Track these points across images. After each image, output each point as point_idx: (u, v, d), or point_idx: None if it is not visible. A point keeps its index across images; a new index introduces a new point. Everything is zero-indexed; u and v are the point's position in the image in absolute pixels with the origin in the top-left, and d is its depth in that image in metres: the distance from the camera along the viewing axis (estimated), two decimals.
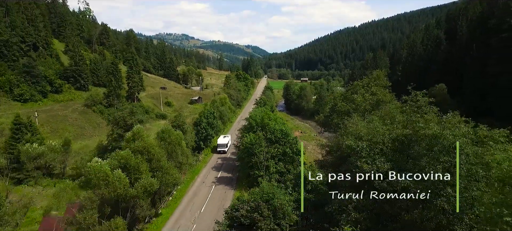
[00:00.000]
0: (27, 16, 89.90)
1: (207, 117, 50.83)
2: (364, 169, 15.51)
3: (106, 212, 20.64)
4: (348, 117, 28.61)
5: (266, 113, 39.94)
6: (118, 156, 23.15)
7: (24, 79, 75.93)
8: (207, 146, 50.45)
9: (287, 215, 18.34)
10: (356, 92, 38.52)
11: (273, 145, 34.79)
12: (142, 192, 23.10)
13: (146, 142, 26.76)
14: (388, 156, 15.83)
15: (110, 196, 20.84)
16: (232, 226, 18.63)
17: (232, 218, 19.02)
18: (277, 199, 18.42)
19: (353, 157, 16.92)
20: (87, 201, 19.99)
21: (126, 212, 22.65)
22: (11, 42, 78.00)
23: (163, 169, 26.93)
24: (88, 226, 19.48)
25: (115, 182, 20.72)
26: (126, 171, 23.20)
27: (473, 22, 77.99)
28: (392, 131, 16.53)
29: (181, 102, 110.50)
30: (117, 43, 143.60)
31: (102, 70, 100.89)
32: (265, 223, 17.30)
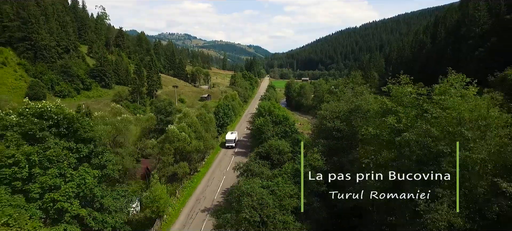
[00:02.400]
0: (59, 22, 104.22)
1: (223, 108, 64.93)
2: (328, 126, 29.52)
3: (176, 158, 34.62)
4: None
5: (272, 103, 53.96)
6: (181, 127, 37.10)
7: (62, 78, 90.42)
8: (225, 131, 64.37)
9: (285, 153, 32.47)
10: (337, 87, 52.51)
11: (277, 126, 48.73)
12: (194, 149, 36.95)
13: (192, 119, 40.70)
14: (342, 119, 29.66)
15: (179, 148, 34.74)
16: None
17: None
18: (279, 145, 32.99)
19: (323, 120, 30.90)
20: (167, 150, 33.88)
21: (185, 160, 36.59)
22: (49, 46, 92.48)
23: (204, 137, 40.83)
24: (168, 164, 33.42)
25: (182, 140, 34.61)
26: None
27: (449, 29, 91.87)
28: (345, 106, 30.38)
29: (192, 99, 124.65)
30: (130, 45, 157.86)
31: (123, 70, 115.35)
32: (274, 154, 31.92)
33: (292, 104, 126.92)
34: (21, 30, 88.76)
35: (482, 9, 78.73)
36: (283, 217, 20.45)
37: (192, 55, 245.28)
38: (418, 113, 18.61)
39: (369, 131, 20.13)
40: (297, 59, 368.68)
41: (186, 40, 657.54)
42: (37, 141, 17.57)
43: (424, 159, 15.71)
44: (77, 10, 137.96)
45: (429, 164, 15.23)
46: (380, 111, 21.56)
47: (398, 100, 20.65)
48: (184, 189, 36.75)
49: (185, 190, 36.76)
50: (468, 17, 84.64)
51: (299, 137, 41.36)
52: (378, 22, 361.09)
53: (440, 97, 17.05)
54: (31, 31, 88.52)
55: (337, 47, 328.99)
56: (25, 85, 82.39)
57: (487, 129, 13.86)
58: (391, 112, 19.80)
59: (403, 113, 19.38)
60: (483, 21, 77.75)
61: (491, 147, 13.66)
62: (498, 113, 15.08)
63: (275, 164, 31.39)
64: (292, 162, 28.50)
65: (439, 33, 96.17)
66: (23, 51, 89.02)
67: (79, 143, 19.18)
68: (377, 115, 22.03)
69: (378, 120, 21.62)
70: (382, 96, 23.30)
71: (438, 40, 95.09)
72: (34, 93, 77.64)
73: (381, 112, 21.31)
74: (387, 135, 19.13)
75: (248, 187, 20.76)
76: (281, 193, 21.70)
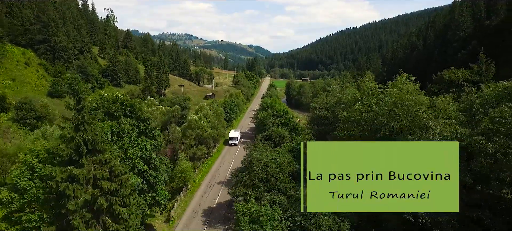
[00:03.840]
0: (74, 25, 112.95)
1: (229, 105, 73.52)
2: (318, 115, 38.12)
3: (196, 142, 43.24)
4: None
5: (273, 100, 62.56)
6: (198, 117, 45.71)
7: (79, 77, 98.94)
8: (231, 125, 72.93)
9: (284, 137, 41.06)
10: (330, 85, 61.01)
11: (278, 119, 57.19)
12: (210, 136, 45.48)
13: (207, 111, 49.20)
14: (329, 110, 38.14)
15: (198, 134, 43.30)
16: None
17: None
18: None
19: (314, 111, 39.45)
20: (189, 134, 42.42)
21: (203, 144, 45.23)
22: (67, 48, 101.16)
23: (216, 127, 49.34)
24: (189, 146, 41.98)
25: (200, 128, 43.19)
26: None
27: (437, 32, 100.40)
28: (332, 99, 38.88)
29: (197, 98, 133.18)
30: (136, 46, 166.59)
31: (132, 70, 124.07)
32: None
33: (292, 103, 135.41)
34: (41, 33, 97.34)
35: (466, 15, 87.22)
36: (282, 176, 28.97)
37: (195, 56, 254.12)
38: (375, 101, 27.11)
39: (343, 114, 28.67)
40: (297, 59, 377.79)
41: (187, 40, 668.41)
42: (115, 118, 26.13)
43: (374, 129, 24.25)
44: (87, 12, 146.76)
45: (377, 132, 23.78)
46: (352, 100, 30.12)
47: (365, 92, 29.20)
48: (201, 168, 45.34)
49: (202, 169, 45.36)
50: (454, 22, 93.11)
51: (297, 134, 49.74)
52: (378, 22, 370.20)
53: (390, 89, 25.59)
54: (50, 34, 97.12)
55: (337, 48, 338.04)
56: (47, 84, 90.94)
57: (410, 105, 22.29)
58: (358, 100, 28.36)
59: (367, 101, 27.89)
60: (467, 26, 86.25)
61: (413, 117, 22.08)
62: (421, 97, 23.62)
63: (276, 144, 39.92)
64: (289, 142, 37.04)
65: (429, 36, 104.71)
66: (43, 52, 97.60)
67: (138, 122, 27.72)
68: (350, 103, 30.59)
69: (350, 106, 30.25)
70: (356, 89, 31.95)
71: (428, 42, 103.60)
72: (55, 91, 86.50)
73: (353, 101, 29.86)
74: (355, 116, 27.63)
75: (257, 154, 29.31)
76: (280, 160, 30.19)
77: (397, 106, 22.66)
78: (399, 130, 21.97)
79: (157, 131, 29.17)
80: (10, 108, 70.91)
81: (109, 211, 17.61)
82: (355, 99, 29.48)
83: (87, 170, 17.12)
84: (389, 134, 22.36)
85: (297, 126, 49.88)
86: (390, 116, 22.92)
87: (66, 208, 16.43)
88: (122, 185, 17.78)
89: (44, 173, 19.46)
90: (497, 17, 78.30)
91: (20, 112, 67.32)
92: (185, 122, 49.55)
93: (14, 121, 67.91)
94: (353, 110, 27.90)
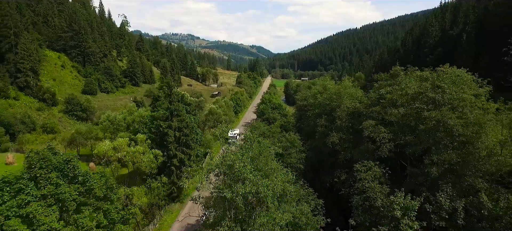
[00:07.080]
0: (98, 32, 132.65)
1: (236, 100, 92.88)
2: (299, 104, 57.50)
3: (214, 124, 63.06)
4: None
5: (271, 95, 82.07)
6: (216, 107, 65.18)
7: (105, 77, 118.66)
8: (237, 118, 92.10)
9: (276, 119, 60.18)
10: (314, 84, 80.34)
11: (274, 110, 76.37)
12: (223, 120, 65.13)
13: (221, 103, 68.54)
14: (307, 101, 57.33)
15: (216, 119, 62.91)
16: None
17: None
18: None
19: (297, 101, 58.59)
20: (210, 118, 61.86)
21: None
22: (95, 52, 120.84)
23: (228, 114, 68.76)
24: (210, 127, 61.49)
25: (218, 114, 62.73)
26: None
27: (414, 38, 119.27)
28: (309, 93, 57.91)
29: (205, 96, 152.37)
30: (148, 48, 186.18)
31: (148, 71, 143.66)
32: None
33: (290, 100, 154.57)
34: (73, 39, 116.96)
35: (435, 25, 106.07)
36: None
37: (199, 57, 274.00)
38: (334, 92, 46.19)
39: (310, 101, 47.89)
40: (297, 60, 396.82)
41: (189, 40, 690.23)
42: (179, 115, 45.45)
43: (327, 110, 43.41)
44: (104, 19, 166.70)
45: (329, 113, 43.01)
46: (318, 91, 49.39)
47: (325, 87, 48.48)
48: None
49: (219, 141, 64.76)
50: (426, 31, 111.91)
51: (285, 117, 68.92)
52: (377, 24, 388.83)
53: (336, 85, 44.79)
54: (81, 40, 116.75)
55: (336, 49, 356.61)
56: (80, 84, 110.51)
57: (343, 96, 41.32)
58: (321, 91, 47.65)
59: (324, 93, 47.01)
60: (435, 34, 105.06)
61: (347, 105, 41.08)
62: (357, 90, 42.78)
63: (270, 123, 59.13)
64: (279, 121, 56.58)
65: (407, 41, 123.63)
66: (75, 56, 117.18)
67: (186, 105, 47.02)
68: (317, 93, 49.91)
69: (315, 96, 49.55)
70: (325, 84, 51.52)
71: (407, 47, 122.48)
72: (88, 89, 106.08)
73: (318, 91, 49.15)
74: (318, 102, 46.65)
75: (256, 126, 48.67)
76: (272, 130, 49.39)
77: (336, 94, 41.94)
78: (335, 107, 41.29)
79: (195, 111, 48.63)
80: (59, 103, 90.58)
81: (185, 144, 37.00)
82: (319, 91, 48.68)
83: (175, 123, 36.48)
84: (330, 110, 41.55)
85: (286, 113, 69.20)
86: (331, 99, 42.21)
87: (167, 141, 35.79)
88: (191, 131, 37.19)
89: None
90: (457, 27, 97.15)
91: (69, 106, 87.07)
92: (202, 111, 69.02)
93: (64, 113, 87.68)
94: (316, 97, 47.04)
